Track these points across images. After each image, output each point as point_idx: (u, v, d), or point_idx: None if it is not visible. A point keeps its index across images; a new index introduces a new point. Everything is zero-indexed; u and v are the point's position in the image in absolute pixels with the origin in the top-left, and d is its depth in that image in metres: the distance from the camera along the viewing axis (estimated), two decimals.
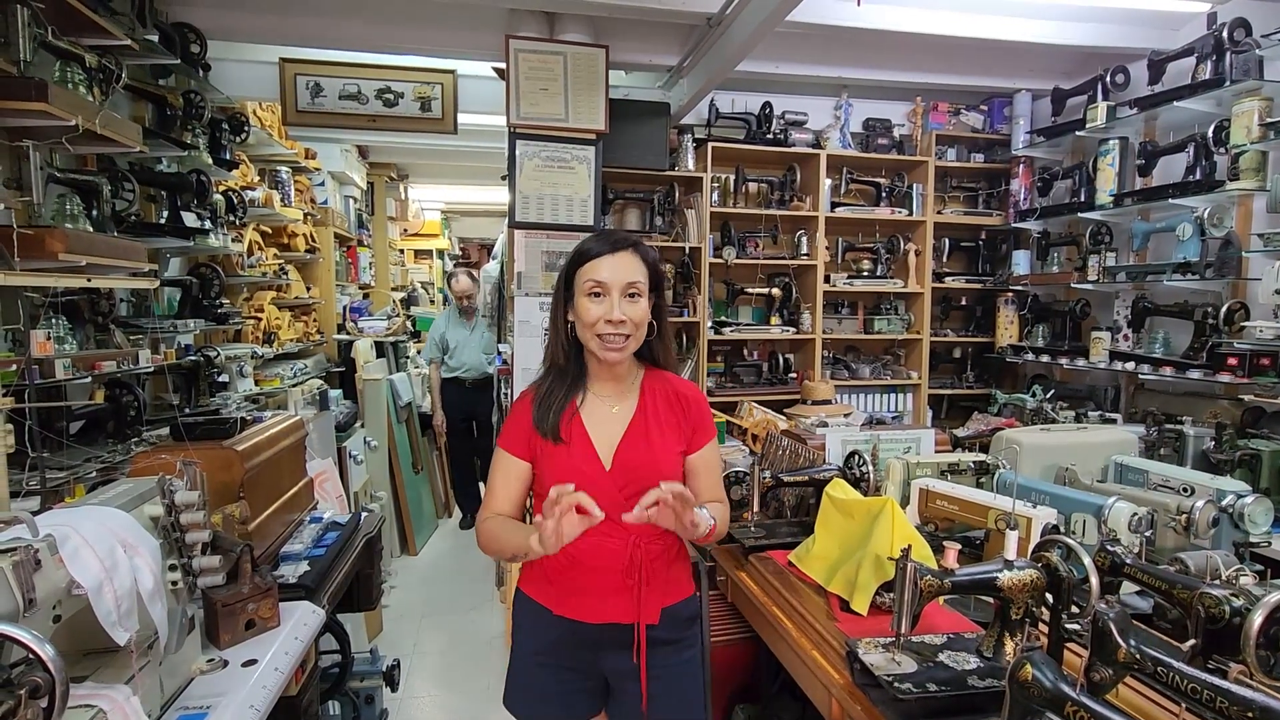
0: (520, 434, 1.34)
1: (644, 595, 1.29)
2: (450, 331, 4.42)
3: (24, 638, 0.75)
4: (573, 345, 1.34)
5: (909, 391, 3.84)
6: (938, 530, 1.78)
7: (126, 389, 2.15)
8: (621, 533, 1.27)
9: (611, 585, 1.29)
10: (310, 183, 4.42)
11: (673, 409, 1.35)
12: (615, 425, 1.32)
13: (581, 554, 1.28)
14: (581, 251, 1.31)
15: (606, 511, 1.20)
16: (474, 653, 3.13)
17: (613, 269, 1.26)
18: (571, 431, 1.30)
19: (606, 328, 1.25)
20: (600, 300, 1.26)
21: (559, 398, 1.32)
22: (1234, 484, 1.67)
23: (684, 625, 1.37)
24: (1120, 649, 0.92)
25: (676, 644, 1.35)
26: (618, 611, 1.29)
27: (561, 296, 1.34)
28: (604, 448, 1.30)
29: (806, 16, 2.62)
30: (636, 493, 1.18)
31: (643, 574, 1.28)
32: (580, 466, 1.28)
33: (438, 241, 7.82)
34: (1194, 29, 2.90)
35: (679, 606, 1.36)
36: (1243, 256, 2.58)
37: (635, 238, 1.33)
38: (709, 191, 3.46)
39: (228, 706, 1.15)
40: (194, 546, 1.21)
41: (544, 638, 1.34)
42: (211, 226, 2.71)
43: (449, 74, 3.47)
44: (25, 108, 1.69)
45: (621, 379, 1.36)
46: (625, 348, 1.28)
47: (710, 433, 1.38)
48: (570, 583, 1.31)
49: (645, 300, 1.29)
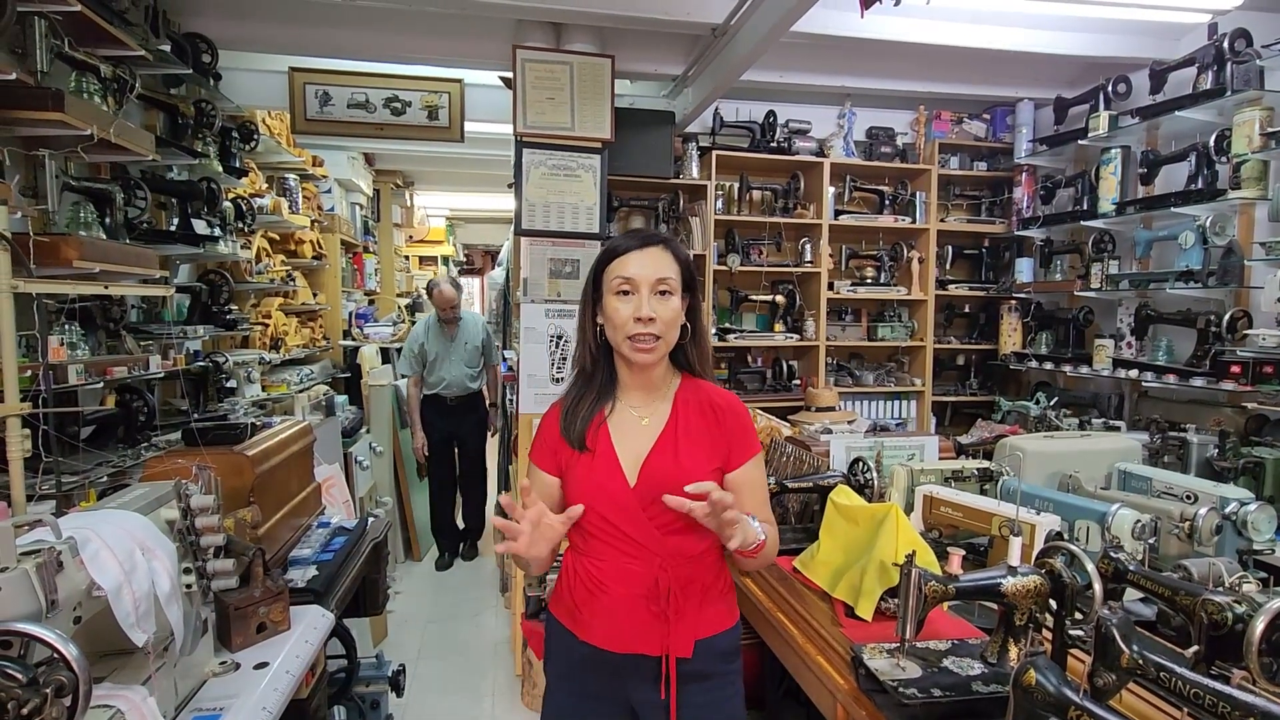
0: (548, 447, 1.27)
1: (674, 625, 1.17)
2: (429, 343, 4.01)
3: (49, 637, 0.77)
4: (602, 351, 1.26)
5: (913, 398, 3.85)
6: (942, 537, 1.79)
7: (137, 394, 2.17)
8: (646, 556, 1.18)
9: (637, 612, 1.18)
10: (317, 190, 4.46)
11: (706, 420, 1.24)
12: (644, 438, 1.22)
13: (604, 577, 1.20)
14: (609, 249, 1.23)
15: (630, 532, 1.17)
16: (479, 658, 3.13)
17: (641, 264, 1.18)
18: (597, 443, 1.22)
19: (636, 327, 1.16)
20: (629, 299, 1.18)
21: (587, 406, 1.24)
22: (1238, 491, 1.67)
23: (721, 659, 1.24)
24: (1124, 654, 0.93)
25: (712, 679, 1.22)
26: (645, 641, 1.18)
27: (589, 298, 1.25)
28: (629, 462, 1.21)
29: (810, 27, 2.65)
30: (661, 510, 1.12)
31: (671, 601, 1.17)
32: (603, 482, 1.19)
33: (443, 248, 7.86)
34: (1195, 39, 2.92)
35: (717, 639, 1.23)
36: (1245, 265, 2.59)
37: (667, 234, 1.25)
38: (713, 199, 3.48)
39: (240, 708, 1.16)
40: (208, 550, 1.22)
41: (570, 664, 1.26)
42: (221, 233, 2.74)
43: (456, 83, 3.50)
44: (42, 117, 1.72)
45: (654, 388, 1.26)
46: (656, 349, 1.18)
47: (752, 447, 1.25)
48: (594, 608, 1.21)
49: (677, 299, 1.20)
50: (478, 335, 4.07)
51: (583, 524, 1.20)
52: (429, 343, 3.99)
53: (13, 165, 1.83)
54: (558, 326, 2.83)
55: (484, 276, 9.77)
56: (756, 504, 1.23)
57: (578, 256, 2.83)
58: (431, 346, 3.99)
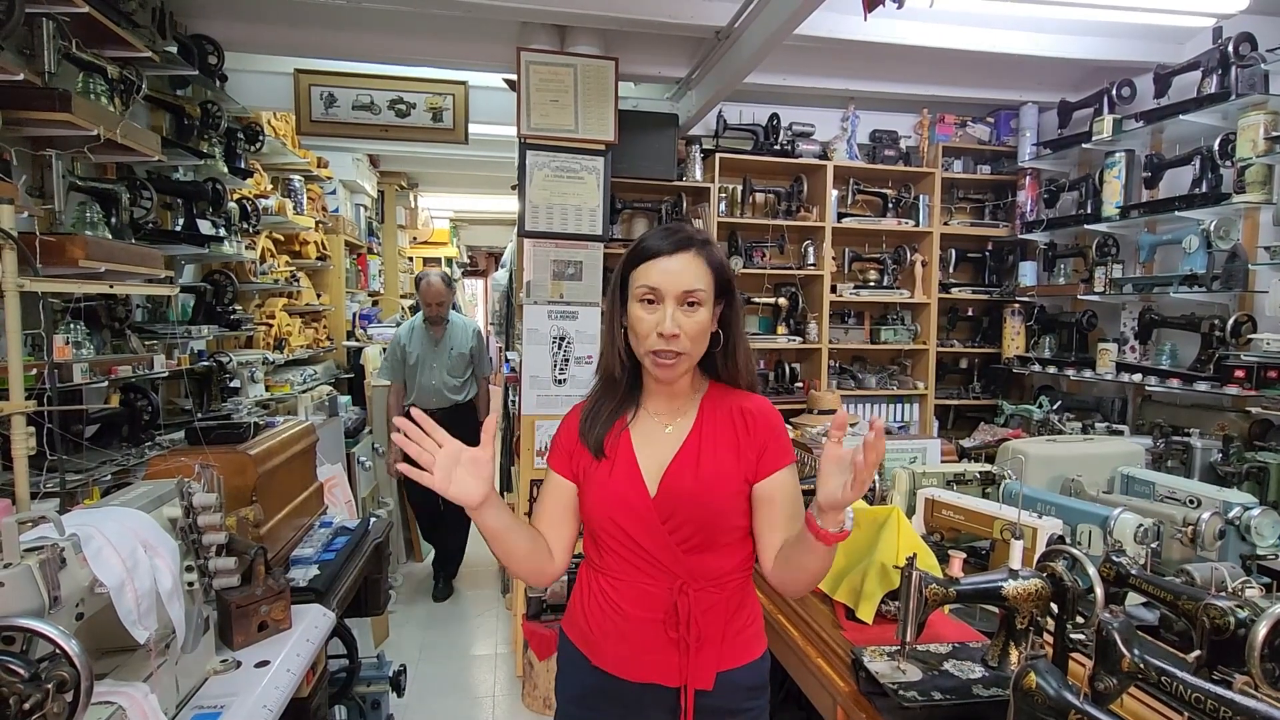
0: (564, 451, 1.20)
1: (694, 654, 1.09)
2: (412, 345, 3.65)
3: (51, 633, 0.77)
4: (629, 354, 1.17)
5: (915, 402, 3.84)
6: (943, 540, 1.79)
7: (141, 393, 2.18)
8: (665, 575, 1.10)
9: (653, 638, 1.10)
10: (322, 191, 4.48)
11: (734, 428, 1.15)
12: (666, 447, 1.15)
13: (620, 598, 1.12)
14: (639, 250, 1.13)
15: (648, 546, 1.11)
16: (480, 660, 3.13)
17: (668, 273, 1.08)
18: (617, 450, 1.14)
19: (658, 343, 1.08)
20: (653, 309, 1.09)
21: (609, 412, 1.17)
22: (1241, 496, 1.67)
23: (746, 694, 1.14)
24: (1125, 658, 0.93)
25: (736, 716, 1.13)
26: (661, 671, 1.10)
27: (616, 299, 1.16)
28: (650, 472, 1.13)
29: (814, 30, 2.65)
30: (680, 525, 1.09)
31: (691, 628, 1.08)
32: (623, 491, 1.12)
33: (447, 250, 7.87)
34: (1199, 43, 2.91)
35: (741, 672, 1.13)
36: (1249, 269, 2.58)
37: (704, 236, 1.14)
38: (716, 202, 3.49)
39: (241, 706, 1.17)
40: (210, 548, 1.23)
41: (581, 689, 1.17)
42: (226, 234, 2.76)
43: (461, 85, 3.52)
44: (50, 118, 1.74)
45: (680, 395, 1.19)
46: (678, 364, 1.10)
47: (785, 455, 1.15)
48: (608, 630, 1.13)
49: (706, 310, 1.10)
50: (466, 342, 3.72)
51: (599, 535, 1.15)
52: (411, 345, 3.66)
53: (20, 165, 1.85)
54: (560, 328, 2.83)
55: (488, 278, 9.77)
56: (791, 517, 1.11)
57: (580, 258, 2.83)
58: (414, 349, 3.65)
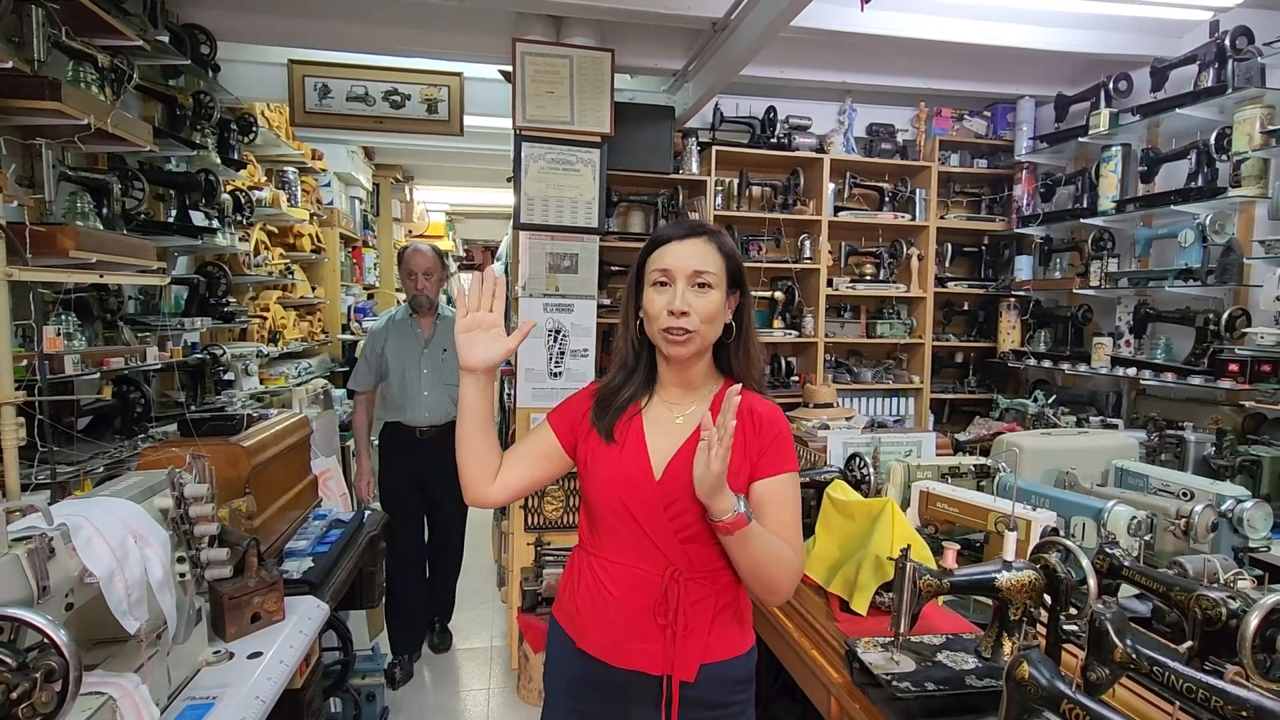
0: (570, 417, 1.23)
1: (679, 644, 1.10)
2: (392, 344, 2.81)
3: (39, 622, 0.77)
4: (644, 344, 1.22)
5: (911, 396, 3.84)
6: (938, 532, 1.79)
7: (134, 385, 2.17)
8: (659, 561, 1.12)
9: (640, 625, 1.11)
10: (316, 183, 4.45)
11: (742, 426, 1.15)
12: (675, 435, 1.17)
13: (610, 581, 1.14)
14: (653, 239, 1.19)
15: (647, 527, 1.13)
16: (475, 653, 3.14)
17: (678, 255, 1.13)
18: (628, 434, 1.18)
19: (669, 320, 1.12)
20: (665, 289, 1.14)
21: (623, 398, 1.21)
22: (1234, 489, 1.68)
23: (731, 688, 1.16)
24: (1117, 649, 0.93)
25: (720, 709, 1.14)
26: (646, 659, 1.11)
27: (633, 289, 1.21)
28: (658, 457, 1.16)
29: (811, 22, 2.64)
30: (681, 512, 1.11)
31: (679, 618, 1.10)
32: (629, 472, 1.15)
33: (442, 243, 7.85)
34: (1196, 37, 2.91)
35: (726, 666, 1.14)
36: (1244, 263, 2.59)
37: (715, 227, 1.20)
38: (713, 195, 3.47)
39: (233, 697, 1.16)
40: (202, 539, 1.22)
41: (567, 674, 1.20)
42: (219, 226, 2.74)
43: (456, 76, 3.49)
44: (39, 106, 1.71)
45: (693, 386, 1.21)
46: (689, 341, 1.12)
47: (786, 462, 1.15)
48: (595, 613, 1.15)
49: (718, 294, 1.14)
50: None
51: (600, 515, 1.17)
52: (391, 343, 2.82)
53: (9, 154, 1.83)
54: (556, 321, 2.83)
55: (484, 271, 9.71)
56: (782, 523, 1.11)
57: (576, 251, 2.82)
58: (395, 349, 2.81)
